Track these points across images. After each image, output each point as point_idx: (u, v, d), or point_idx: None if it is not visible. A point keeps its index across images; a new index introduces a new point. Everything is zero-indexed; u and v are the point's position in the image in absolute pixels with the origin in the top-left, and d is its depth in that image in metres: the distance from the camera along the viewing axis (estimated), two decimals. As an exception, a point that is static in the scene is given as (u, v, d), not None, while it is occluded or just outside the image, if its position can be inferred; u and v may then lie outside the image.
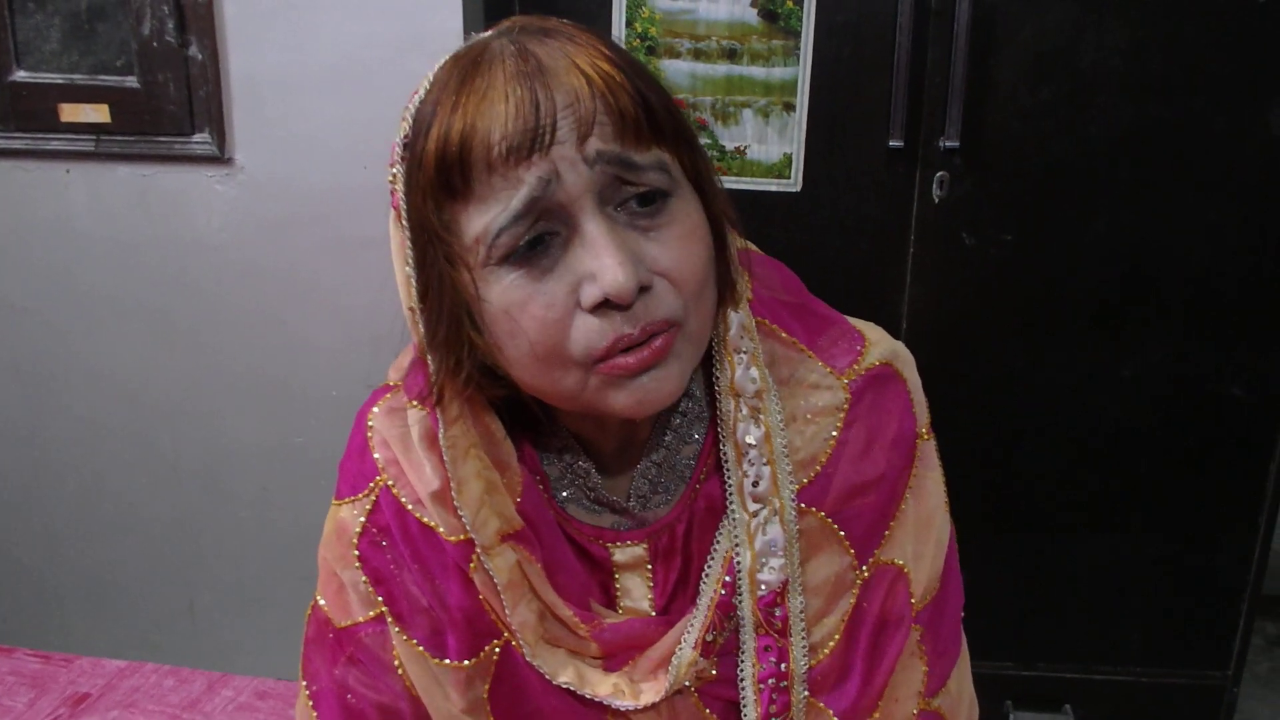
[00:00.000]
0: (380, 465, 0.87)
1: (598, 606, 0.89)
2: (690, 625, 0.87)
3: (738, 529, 0.85)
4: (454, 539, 0.84)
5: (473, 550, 0.84)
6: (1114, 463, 1.97)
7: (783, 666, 0.87)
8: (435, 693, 0.88)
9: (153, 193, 1.89)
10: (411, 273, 0.76)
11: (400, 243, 0.77)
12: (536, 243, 0.71)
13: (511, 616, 0.85)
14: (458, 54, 0.75)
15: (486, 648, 0.87)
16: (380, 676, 0.91)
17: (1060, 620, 2.08)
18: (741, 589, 0.86)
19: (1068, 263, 1.86)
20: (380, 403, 0.89)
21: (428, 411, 0.82)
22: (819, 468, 0.86)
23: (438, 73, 0.75)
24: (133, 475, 2.05)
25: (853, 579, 0.88)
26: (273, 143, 1.84)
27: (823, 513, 0.86)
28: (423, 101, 0.74)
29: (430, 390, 0.79)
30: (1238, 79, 1.76)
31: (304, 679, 0.94)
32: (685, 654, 0.86)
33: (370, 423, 0.89)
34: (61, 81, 1.85)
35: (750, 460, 0.84)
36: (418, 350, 0.80)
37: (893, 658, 0.90)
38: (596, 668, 0.88)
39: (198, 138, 1.84)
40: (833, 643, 0.88)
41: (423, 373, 0.80)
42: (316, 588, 0.94)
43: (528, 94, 0.69)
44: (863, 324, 0.92)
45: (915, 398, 0.90)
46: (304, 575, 0.96)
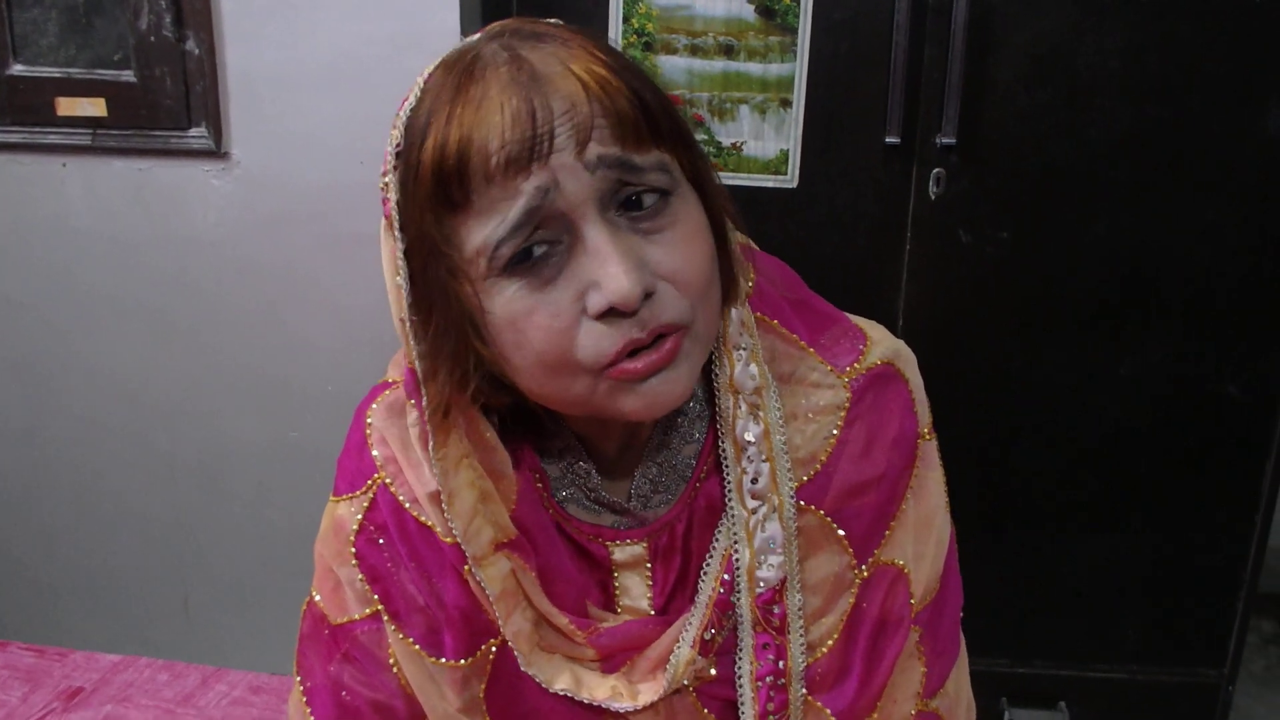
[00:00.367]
0: (379, 463, 0.87)
1: (595, 610, 0.89)
2: (688, 624, 0.86)
3: (736, 526, 0.85)
4: (450, 539, 0.84)
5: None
6: (1110, 461, 1.97)
7: (780, 664, 0.87)
8: (431, 691, 0.88)
9: (149, 187, 1.88)
10: (403, 283, 0.75)
11: (391, 252, 0.75)
12: (539, 252, 0.71)
13: (506, 626, 0.84)
14: (448, 60, 0.74)
15: (483, 646, 0.87)
16: (375, 674, 0.90)
17: (1056, 618, 2.08)
18: (740, 586, 0.85)
19: (1065, 261, 1.86)
20: (379, 400, 0.89)
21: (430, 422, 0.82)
22: (819, 466, 0.86)
23: (429, 80, 0.73)
24: (129, 470, 2.05)
25: (852, 578, 0.88)
26: (269, 138, 1.84)
27: (822, 511, 0.86)
28: (415, 110, 0.73)
29: (437, 406, 0.78)
30: (1235, 79, 1.76)
31: (298, 674, 0.94)
32: (683, 653, 0.86)
33: (369, 420, 0.89)
34: (58, 75, 1.85)
35: (749, 457, 0.84)
36: (406, 360, 0.79)
37: (892, 659, 0.89)
38: (594, 670, 0.88)
39: (194, 132, 1.84)
40: (831, 641, 0.88)
41: (412, 381, 0.79)
42: (313, 583, 0.93)
43: (524, 103, 0.69)
44: (865, 322, 0.92)
45: (917, 397, 0.90)
46: (299, 571, 0.96)
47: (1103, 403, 1.93)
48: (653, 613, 0.89)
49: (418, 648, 0.87)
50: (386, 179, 0.75)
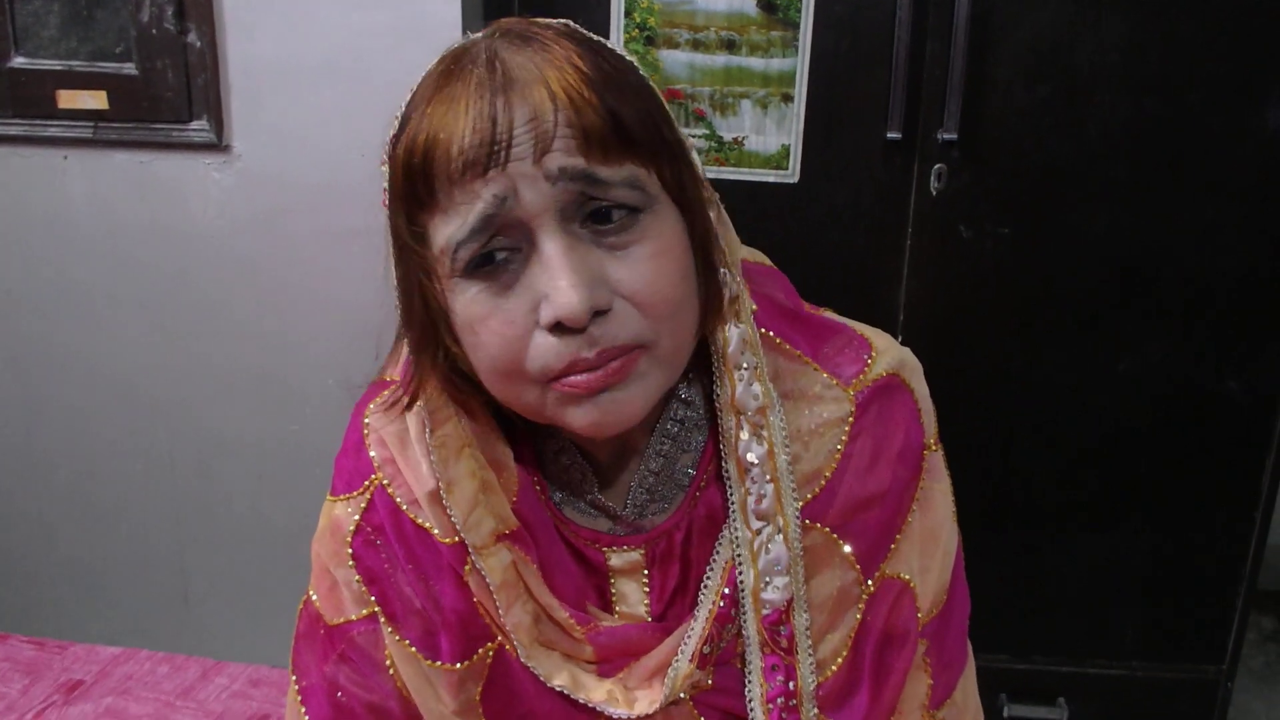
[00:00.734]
0: (376, 464, 0.87)
1: (594, 609, 0.88)
2: (688, 637, 0.86)
3: (740, 547, 0.84)
4: (448, 541, 0.83)
5: (467, 552, 0.83)
6: (1110, 457, 1.97)
7: (791, 685, 0.86)
8: (427, 694, 0.88)
9: (150, 180, 1.88)
10: (391, 272, 0.76)
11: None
12: (498, 258, 0.71)
13: (506, 617, 0.84)
14: (446, 54, 0.74)
15: (480, 650, 0.86)
16: (371, 675, 0.90)
17: (1056, 614, 2.08)
18: (745, 608, 0.84)
19: (1065, 257, 1.86)
20: (377, 399, 0.88)
21: (423, 412, 0.82)
22: (823, 482, 0.85)
23: (427, 73, 0.74)
24: (129, 463, 2.05)
25: (858, 593, 0.87)
26: (270, 131, 1.84)
27: (827, 528, 0.85)
28: (409, 101, 0.73)
29: (404, 394, 0.80)
30: (1235, 75, 1.75)
31: (294, 673, 0.94)
32: (682, 667, 0.85)
33: (366, 419, 0.88)
34: (60, 68, 1.84)
35: (753, 478, 0.83)
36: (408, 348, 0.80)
37: (901, 673, 0.89)
38: (591, 672, 0.88)
39: (195, 125, 1.84)
40: (840, 659, 0.87)
41: (408, 367, 0.81)
42: (309, 582, 0.93)
43: (487, 107, 0.68)
44: (869, 330, 0.90)
45: (923, 407, 0.89)
46: (298, 565, 0.96)
47: (1102, 399, 1.93)
48: (651, 619, 0.89)
49: (414, 650, 0.87)
50: (384, 168, 0.75)
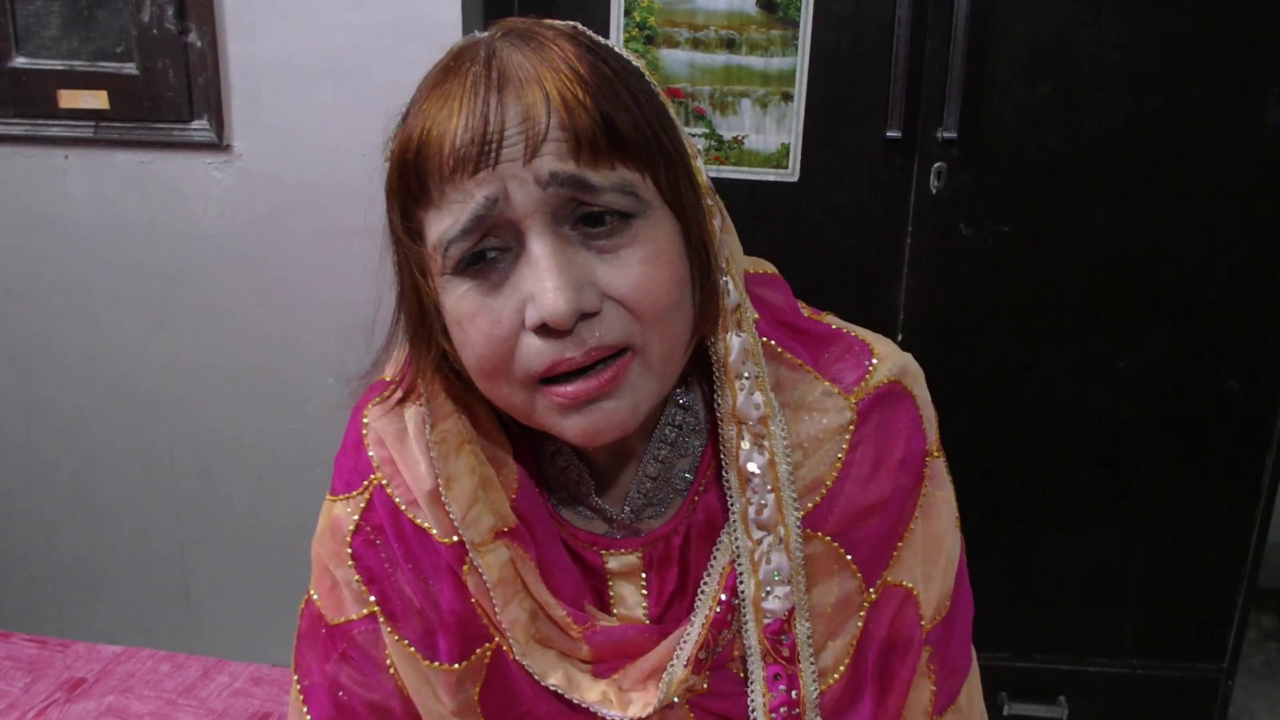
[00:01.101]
0: (375, 464, 0.87)
1: (592, 609, 0.88)
2: (683, 641, 0.86)
3: (741, 557, 0.84)
4: (447, 541, 0.83)
5: (465, 552, 0.83)
6: (1110, 455, 1.97)
7: (793, 694, 0.85)
8: (426, 693, 0.88)
9: (151, 179, 1.89)
10: (393, 267, 0.77)
11: None
12: (488, 257, 0.71)
13: (502, 615, 0.84)
14: (449, 50, 0.74)
15: (478, 650, 0.86)
16: (372, 674, 0.90)
17: (1056, 612, 2.08)
18: (747, 618, 0.84)
19: (1065, 255, 1.86)
20: (376, 398, 0.88)
21: (424, 408, 0.82)
22: (824, 490, 0.84)
23: (431, 69, 0.74)
24: (130, 461, 2.05)
25: (860, 601, 0.87)
26: (271, 130, 1.84)
27: (828, 537, 0.85)
28: (413, 97, 0.74)
29: (397, 386, 0.80)
30: (1235, 73, 1.75)
31: (295, 673, 0.94)
32: (677, 671, 0.85)
33: (365, 419, 0.88)
34: (60, 67, 1.85)
35: (754, 488, 0.82)
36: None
37: (905, 680, 0.89)
38: (586, 672, 0.87)
39: (196, 125, 1.84)
40: (842, 667, 0.87)
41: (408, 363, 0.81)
42: (310, 581, 0.93)
43: (480, 105, 0.68)
44: (870, 336, 0.90)
45: (924, 414, 0.88)
46: (298, 563, 0.96)
47: (1102, 397, 1.93)
48: (648, 622, 0.89)
49: (413, 650, 0.87)
50: (385, 163, 0.76)
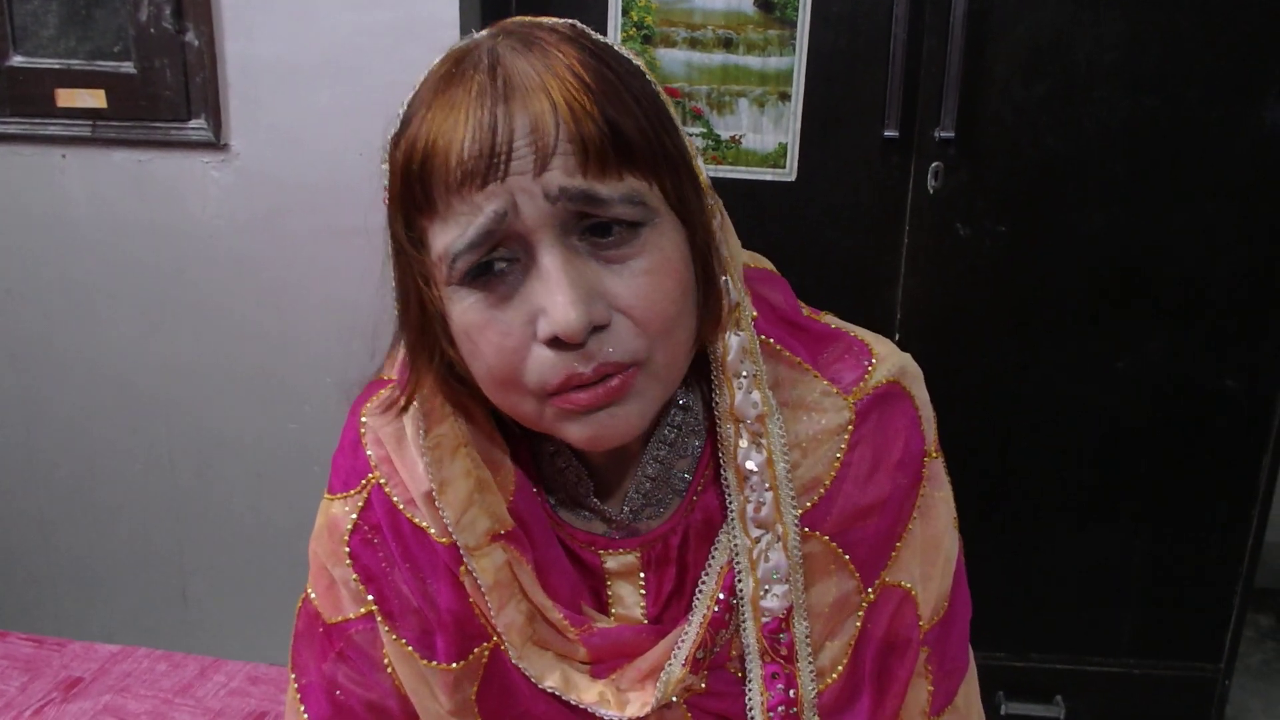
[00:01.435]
0: (373, 463, 0.87)
1: (589, 610, 0.88)
2: (681, 641, 0.86)
3: (739, 555, 0.84)
4: (445, 540, 0.83)
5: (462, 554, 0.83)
6: (1107, 454, 1.97)
7: (791, 693, 0.85)
8: (423, 693, 0.88)
9: (148, 179, 1.88)
10: (391, 272, 0.76)
11: None
12: (496, 269, 0.70)
13: (498, 618, 0.84)
14: (449, 54, 0.73)
15: (475, 650, 0.86)
16: (369, 674, 0.90)
17: (1053, 612, 2.08)
18: (745, 616, 0.84)
19: (1063, 254, 1.86)
20: (374, 397, 0.88)
21: (418, 413, 0.82)
22: (823, 490, 0.84)
23: (430, 71, 0.73)
24: (127, 460, 2.05)
25: (858, 601, 0.87)
26: (269, 129, 1.84)
27: (826, 536, 0.85)
28: (411, 101, 0.73)
29: (399, 397, 0.80)
30: (1233, 72, 1.76)
31: (293, 672, 0.94)
32: (675, 671, 0.85)
33: (363, 418, 0.88)
34: (58, 67, 1.85)
35: (752, 486, 0.82)
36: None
37: (904, 681, 0.89)
38: (584, 673, 0.87)
39: (194, 124, 1.84)
40: (840, 667, 0.87)
41: (404, 368, 0.81)
42: (308, 581, 0.93)
43: (488, 116, 0.67)
44: (869, 336, 0.90)
45: (923, 415, 0.88)
46: (296, 562, 0.96)
47: (1100, 396, 1.94)
48: (646, 622, 0.88)
49: (410, 649, 0.87)
50: (384, 166, 0.75)
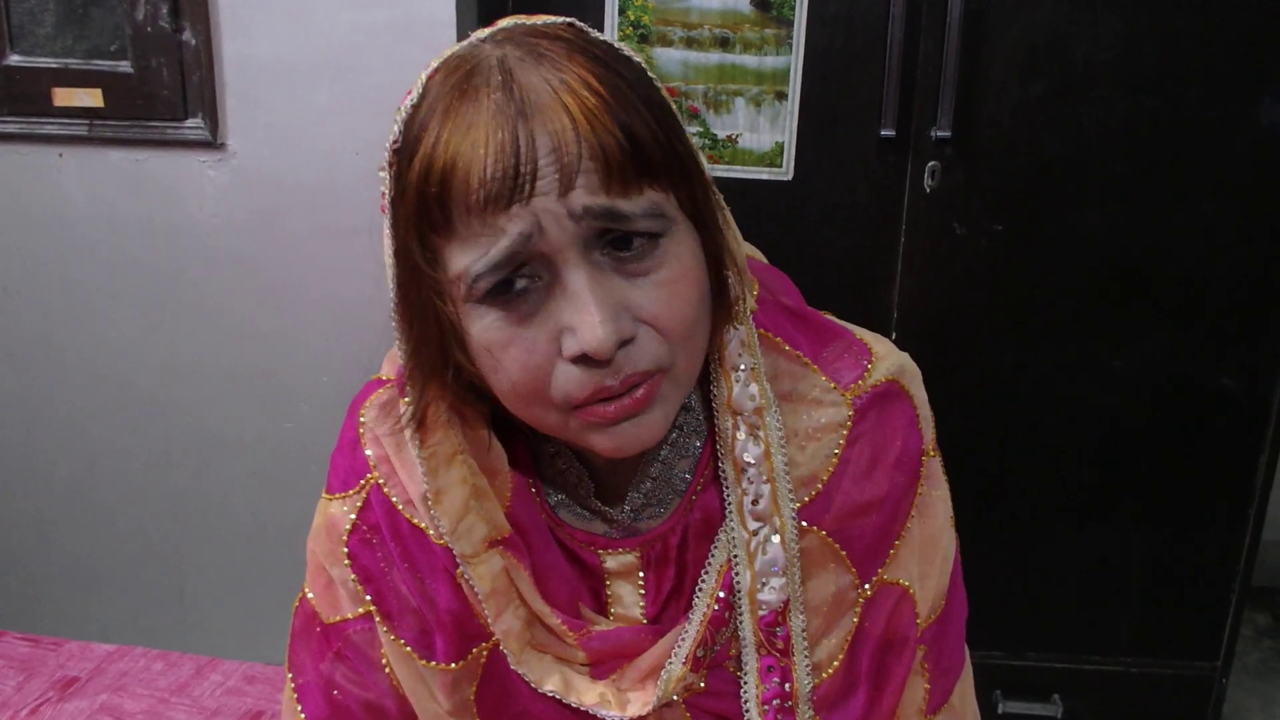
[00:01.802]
0: (371, 463, 0.87)
1: (588, 612, 0.88)
2: (681, 639, 0.86)
3: (737, 548, 0.84)
4: (443, 542, 0.83)
5: None
6: (1104, 453, 1.97)
7: (786, 687, 0.86)
8: (422, 693, 0.88)
9: (145, 178, 1.88)
10: (391, 284, 0.75)
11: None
12: (518, 286, 0.70)
13: (495, 625, 0.84)
14: (450, 62, 0.72)
15: (474, 650, 0.86)
16: (367, 674, 0.90)
17: (1050, 610, 2.08)
18: (742, 609, 0.84)
19: (1060, 254, 1.86)
20: (373, 397, 0.88)
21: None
22: (820, 485, 0.85)
23: (430, 80, 0.71)
24: (124, 460, 2.05)
25: (855, 597, 0.87)
26: (266, 129, 1.84)
27: (824, 532, 0.85)
28: (413, 110, 0.71)
29: (416, 409, 0.79)
30: (1230, 71, 1.75)
31: (290, 671, 0.94)
32: (675, 669, 0.85)
33: (362, 418, 0.88)
34: (55, 65, 1.84)
35: (749, 478, 0.83)
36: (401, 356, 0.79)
37: (900, 679, 0.89)
38: (583, 675, 0.88)
39: (190, 123, 1.84)
40: (836, 663, 0.87)
41: (402, 377, 0.80)
42: (305, 580, 0.93)
43: (509, 136, 0.66)
44: (869, 335, 0.90)
45: (921, 414, 0.89)
46: (294, 562, 0.96)
47: (1097, 396, 1.94)
48: (645, 621, 0.89)
49: (409, 649, 0.87)
50: (383, 173, 0.74)
